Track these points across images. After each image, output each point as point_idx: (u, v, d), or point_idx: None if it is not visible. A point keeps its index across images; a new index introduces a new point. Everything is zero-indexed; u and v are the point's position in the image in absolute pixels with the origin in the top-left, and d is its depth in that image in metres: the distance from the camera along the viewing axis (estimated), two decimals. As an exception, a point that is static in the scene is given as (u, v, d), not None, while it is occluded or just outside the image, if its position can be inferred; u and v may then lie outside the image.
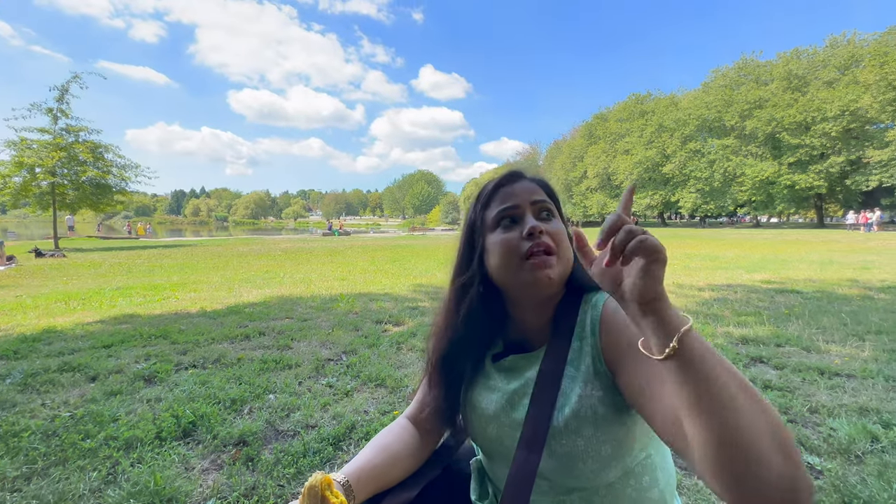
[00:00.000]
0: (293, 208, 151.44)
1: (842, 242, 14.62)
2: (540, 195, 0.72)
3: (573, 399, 0.65)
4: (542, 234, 0.67)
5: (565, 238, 0.70)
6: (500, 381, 0.75)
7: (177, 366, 2.76)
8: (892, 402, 2.12)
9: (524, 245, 0.67)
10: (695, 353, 0.45)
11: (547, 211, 0.72)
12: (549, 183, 0.77)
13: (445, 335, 0.78)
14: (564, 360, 0.67)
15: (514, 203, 0.71)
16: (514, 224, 0.70)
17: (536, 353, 0.73)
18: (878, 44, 29.63)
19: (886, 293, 5.07)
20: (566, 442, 0.64)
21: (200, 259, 10.81)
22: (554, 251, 0.67)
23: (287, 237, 26.97)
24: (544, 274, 0.65)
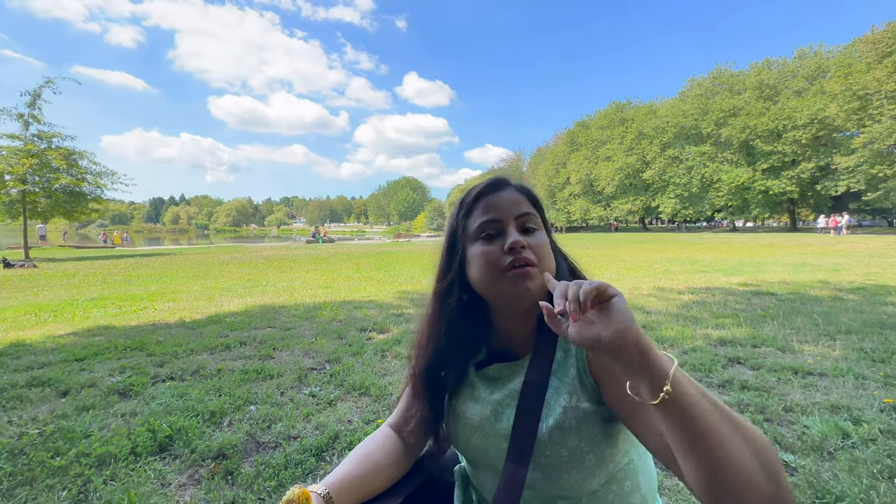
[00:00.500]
0: (276, 215, 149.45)
1: (813, 246, 15.15)
2: (524, 207, 0.71)
3: (557, 411, 0.65)
4: (524, 249, 0.66)
5: (548, 250, 0.70)
6: (484, 391, 0.75)
7: (153, 378, 2.68)
8: (861, 400, 2.20)
9: (505, 259, 0.66)
10: (684, 394, 0.46)
11: (530, 224, 0.71)
12: (533, 191, 0.76)
13: (428, 344, 0.78)
14: (549, 371, 0.67)
15: (496, 216, 0.69)
16: (496, 237, 0.69)
17: (521, 361, 0.73)
18: (842, 56, 31.10)
19: (855, 294, 5.26)
20: (550, 453, 0.65)
21: (180, 268, 10.55)
22: (535, 264, 0.66)
23: (270, 245, 26.58)
24: (524, 286, 0.65)
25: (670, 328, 3.69)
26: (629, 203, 41.80)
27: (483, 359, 0.78)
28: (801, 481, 1.53)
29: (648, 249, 14.83)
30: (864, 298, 4.95)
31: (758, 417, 2.02)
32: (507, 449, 0.67)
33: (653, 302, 5.01)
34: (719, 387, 2.45)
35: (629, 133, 41.81)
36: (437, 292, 0.76)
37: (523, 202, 0.72)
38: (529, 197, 0.74)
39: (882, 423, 1.92)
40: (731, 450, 0.44)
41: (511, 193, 0.73)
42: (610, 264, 9.85)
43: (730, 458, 0.44)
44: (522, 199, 0.73)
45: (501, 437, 0.69)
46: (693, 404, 0.45)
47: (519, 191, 0.74)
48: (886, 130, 25.42)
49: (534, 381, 0.67)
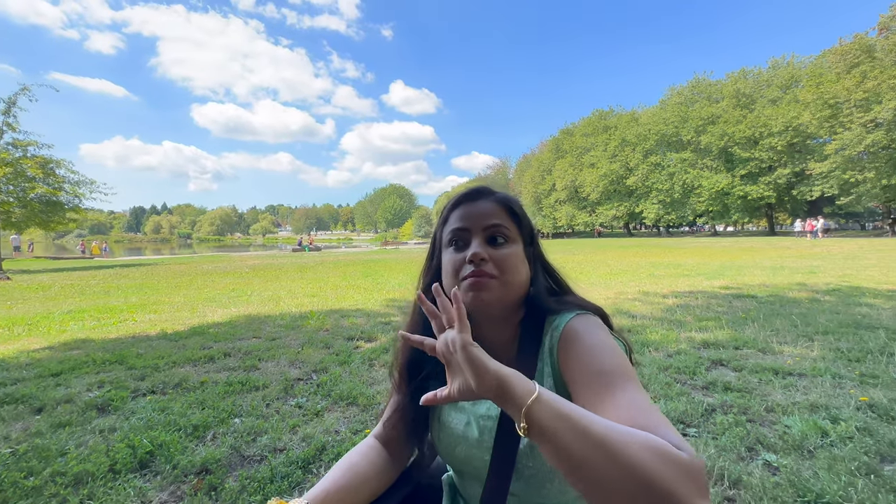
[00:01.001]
0: (261, 224, 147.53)
1: (791, 249, 15.59)
2: (495, 218, 0.72)
3: None
4: (484, 262, 0.68)
5: (514, 262, 0.70)
6: (466, 402, 0.75)
7: (133, 392, 2.60)
8: (838, 398, 2.26)
9: (466, 268, 0.68)
10: (545, 429, 0.45)
11: (499, 235, 0.71)
12: (513, 202, 0.76)
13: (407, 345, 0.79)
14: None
15: (465, 225, 0.72)
16: (463, 246, 0.71)
17: None
18: (813, 66, 32.35)
19: (831, 295, 5.42)
20: (533, 465, 0.65)
21: (161, 278, 10.32)
22: (493, 276, 0.67)
23: (255, 254, 26.20)
24: (476, 296, 0.67)
25: (655, 332, 3.74)
26: (614, 209, 42.45)
27: None
28: (783, 480, 1.56)
29: (633, 254, 15.05)
30: (839, 300, 5.11)
31: (741, 418, 2.05)
32: (490, 461, 0.68)
33: (638, 306, 5.08)
34: (703, 388, 2.49)
35: (612, 140, 42.59)
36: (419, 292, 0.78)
37: (497, 213, 0.73)
38: (508, 208, 0.74)
39: (858, 420, 1.98)
40: (602, 484, 0.42)
41: (486, 204, 0.73)
42: (595, 269, 9.96)
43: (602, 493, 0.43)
44: (498, 210, 0.73)
45: (485, 449, 0.69)
46: (554, 439, 0.45)
47: (498, 201, 0.74)
48: (856, 137, 26.42)
49: None
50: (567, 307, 0.71)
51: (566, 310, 0.70)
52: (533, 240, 0.77)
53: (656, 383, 2.53)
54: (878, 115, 25.43)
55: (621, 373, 0.58)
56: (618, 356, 0.60)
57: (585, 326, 0.65)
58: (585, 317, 0.68)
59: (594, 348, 0.62)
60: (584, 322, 0.66)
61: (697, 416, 2.10)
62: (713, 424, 2.02)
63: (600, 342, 0.62)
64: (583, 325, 0.66)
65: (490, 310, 0.70)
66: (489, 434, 0.69)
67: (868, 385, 2.44)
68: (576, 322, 0.67)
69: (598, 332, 0.64)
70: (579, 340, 0.64)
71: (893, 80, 24.86)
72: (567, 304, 0.73)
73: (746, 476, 1.59)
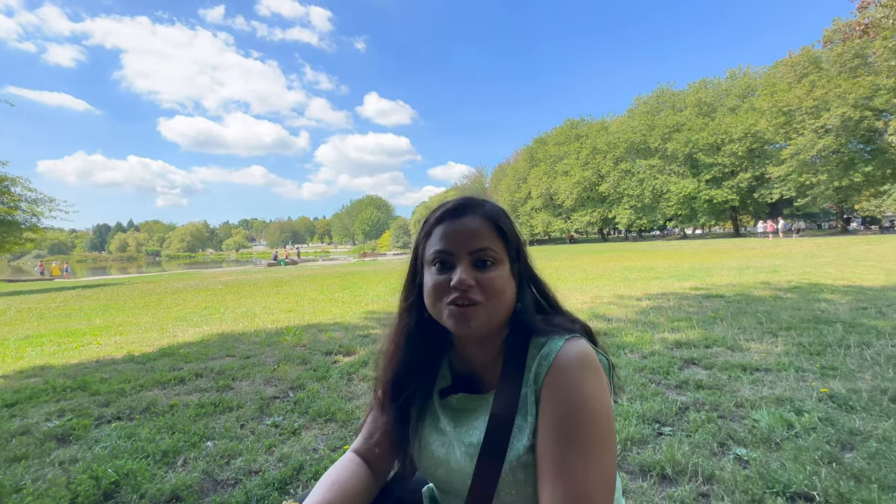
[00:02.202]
0: (235, 239, 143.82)
1: (755, 249, 16.30)
2: (482, 241, 0.68)
3: (521, 450, 0.64)
4: (470, 289, 0.65)
5: (501, 284, 0.68)
6: (448, 425, 0.74)
7: (97, 420, 2.47)
8: (801, 391, 2.36)
9: (451, 293, 0.66)
10: None
11: (487, 259, 0.68)
12: (500, 216, 0.73)
13: (391, 360, 0.78)
14: (514, 412, 0.66)
15: (450, 248, 0.68)
16: (448, 268, 0.68)
17: (485, 396, 0.72)
18: (767, 76, 34.36)
19: (793, 293, 5.69)
20: (516, 492, 0.65)
21: (128, 298, 9.89)
22: (479, 302, 0.65)
23: (228, 269, 25.46)
24: (461, 325, 0.66)
25: (630, 334, 3.83)
26: (588, 215, 43.49)
27: (447, 385, 0.78)
28: (753, 473, 1.61)
29: (608, 259, 15.42)
30: (800, 296, 5.36)
31: (713, 415, 2.12)
32: (470, 486, 0.67)
33: (613, 310, 5.20)
34: (677, 388, 2.56)
35: (584, 149, 43.78)
36: (400, 310, 0.78)
37: (483, 234, 0.69)
38: (496, 224, 0.71)
39: (820, 411, 2.08)
40: None
41: (472, 222, 0.70)
42: (572, 275, 10.14)
43: None
44: (484, 228, 0.70)
45: (466, 474, 0.68)
46: None
47: (485, 218, 0.71)
48: (809, 143, 28.06)
49: (498, 423, 0.67)
50: (555, 330, 0.69)
51: (555, 333, 0.68)
52: (520, 254, 0.74)
53: (632, 384, 2.58)
54: (827, 122, 27.13)
55: (589, 443, 0.59)
56: (595, 420, 0.60)
57: (577, 367, 0.63)
58: (575, 344, 0.65)
59: (576, 406, 0.60)
60: (575, 358, 0.63)
61: (672, 415, 2.15)
62: (686, 422, 2.08)
63: (584, 398, 0.61)
64: (575, 363, 0.63)
65: (476, 335, 0.69)
66: (471, 460, 0.68)
67: (828, 377, 2.56)
68: (567, 355, 0.64)
69: (587, 381, 0.62)
70: (566, 388, 0.62)
71: (839, 89, 26.60)
72: (555, 325, 0.71)
73: (719, 471, 1.64)
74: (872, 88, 25.61)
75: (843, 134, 27.07)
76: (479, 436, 0.68)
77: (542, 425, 0.63)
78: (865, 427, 1.91)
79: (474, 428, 0.70)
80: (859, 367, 2.69)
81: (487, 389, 0.73)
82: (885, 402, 2.14)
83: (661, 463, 1.71)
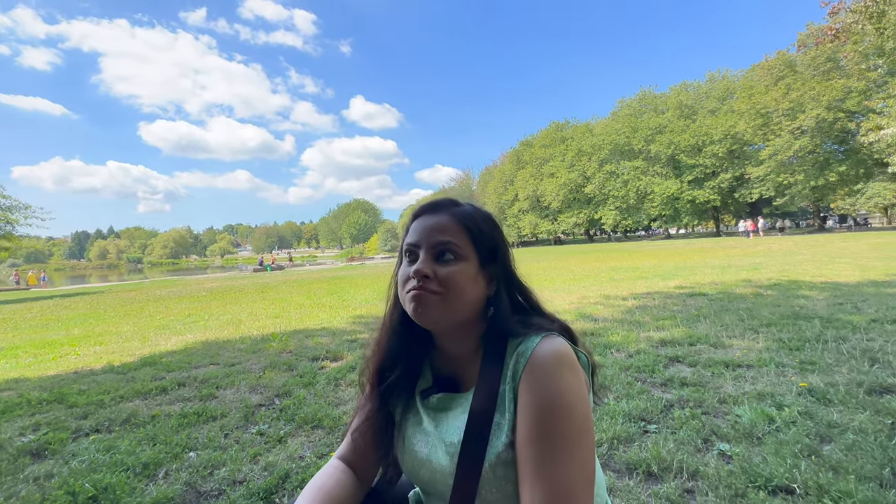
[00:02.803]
0: (220, 244, 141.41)
1: (736, 248, 16.66)
2: (446, 235, 0.70)
3: (500, 448, 0.65)
4: (426, 279, 0.68)
5: (459, 280, 0.68)
6: (430, 425, 0.75)
7: (75, 433, 2.40)
8: (782, 386, 2.42)
9: (410, 282, 0.69)
10: None
11: (448, 252, 0.70)
12: (471, 217, 0.74)
13: (381, 346, 0.81)
14: (493, 409, 0.67)
15: (416, 241, 0.72)
16: (414, 260, 0.72)
17: (465, 395, 0.73)
18: (745, 79, 35.29)
19: (773, 290, 5.83)
20: (496, 490, 0.65)
21: (108, 307, 9.64)
22: (437, 292, 0.67)
23: (213, 276, 25.02)
24: (416, 310, 0.68)
25: (616, 333, 3.88)
26: (574, 216, 43.95)
27: (428, 386, 0.79)
28: (736, 468, 1.64)
29: (594, 259, 15.59)
30: (780, 293, 5.50)
31: (697, 412, 2.15)
32: (452, 486, 0.67)
33: (600, 309, 5.25)
34: (662, 385, 2.59)
35: (570, 151, 44.28)
36: (388, 303, 0.82)
37: (449, 229, 0.71)
38: (465, 224, 0.72)
39: (800, 405, 2.12)
40: None
41: (441, 219, 0.72)
42: (559, 275, 10.23)
43: None
44: (452, 225, 0.72)
45: (448, 474, 0.69)
46: None
47: (455, 216, 0.73)
48: (786, 143, 28.87)
49: (478, 421, 0.67)
50: (532, 329, 0.70)
51: (532, 332, 0.69)
52: (495, 256, 0.74)
53: (618, 383, 2.61)
54: (803, 123, 27.96)
55: (567, 440, 0.60)
56: (572, 416, 0.60)
57: (553, 363, 0.63)
58: (552, 341, 0.66)
59: (553, 402, 0.61)
60: (551, 355, 0.64)
61: (657, 413, 2.18)
62: (671, 419, 2.11)
63: (560, 394, 0.61)
64: (551, 359, 0.63)
65: (435, 326, 0.70)
66: (451, 459, 0.68)
67: (807, 371, 2.63)
68: (543, 351, 0.64)
69: (564, 377, 0.62)
70: (543, 384, 0.62)
71: (813, 92, 27.45)
72: (532, 325, 0.71)
73: (703, 467, 1.66)
74: (844, 91, 26.50)
75: (818, 135, 27.93)
76: (459, 434, 0.69)
77: (520, 422, 0.63)
78: (843, 419, 1.96)
79: (455, 427, 0.71)
80: (836, 361, 2.76)
81: (467, 388, 0.74)
82: (860, 395, 2.20)
83: (646, 461, 1.72)
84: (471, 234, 0.72)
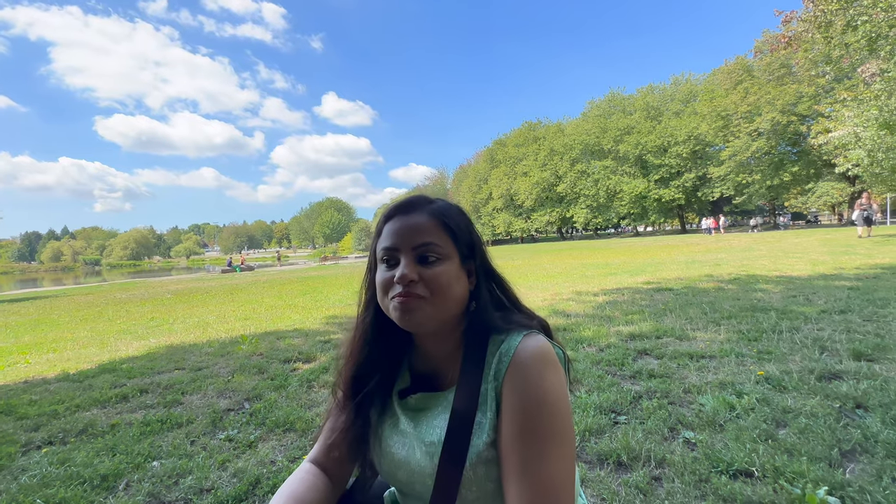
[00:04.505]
0: (185, 245, 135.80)
1: (700, 245, 17.40)
2: (427, 236, 0.69)
3: (481, 447, 0.65)
4: (412, 283, 0.66)
5: (445, 281, 0.67)
6: (407, 425, 0.73)
7: (25, 446, 2.25)
8: (741, 375, 2.54)
9: (395, 288, 0.67)
10: None
11: (430, 254, 0.68)
12: (448, 213, 0.73)
13: (354, 354, 0.78)
14: (475, 408, 0.66)
15: (394, 244, 0.69)
16: (394, 264, 0.70)
17: (444, 394, 0.72)
18: (707, 82, 36.91)
19: (733, 284, 6.12)
20: (477, 489, 0.65)
21: (63, 312, 9.09)
22: (423, 297, 0.66)
23: (178, 278, 24.02)
24: (405, 318, 0.66)
25: (588, 329, 3.97)
26: (547, 215, 44.80)
27: (406, 386, 0.78)
28: (700, 454, 1.71)
29: (567, 257, 15.92)
30: (739, 287, 5.77)
31: (663, 402, 2.23)
32: (432, 485, 0.66)
33: (572, 305, 5.37)
34: (631, 378, 2.67)
35: (542, 150, 45.08)
36: (360, 308, 0.79)
37: (428, 229, 0.69)
38: (443, 220, 0.71)
39: (758, 393, 2.24)
40: None
41: (418, 218, 0.70)
42: (532, 273, 10.39)
43: None
44: (430, 224, 0.70)
45: (427, 474, 0.68)
46: None
47: (431, 214, 0.71)
48: (744, 145, 30.36)
49: (459, 420, 0.67)
50: (514, 326, 0.70)
51: (513, 329, 0.69)
52: (473, 251, 0.74)
53: (590, 377, 2.67)
54: (760, 126, 29.48)
55: (552, 437, 0.60)
56: (556, 414, 0.61)
57: (537, 362, 0.64)
58: (534, 340, 0.66)
59: (538, 401, 0.61)
60: (535, 354, 0.64)
61: (626, 404, 2.25)
62: (640, 410, 2.18)
63: (545, 392, 0.62)
64: (534, 358, 0.64)
65: (422, 329, 0.69)
66: (432, 459, 0.67)
67: (764, 360, 2.77)
68: (526, 350, 0.65)
69: (547, 376, 0.63)
70: (527, 384, 0.63)
71: (769, 96, 28.98)
72: (513, 322, 0.71)
73: (669, 455, 1.73)
74: (797, 96, 28.11)
75: (773, 137, 29.51)
76: (439, 434, 0.68)
77: (504, 421, 0.63)
78: (796, 405, 2.08)
79: (434, 426, 0.70)
80: (790, 350, 2.93)
81: (446, 387, 0.73)
82: (812, 381, 2.34)
83: (616, 451, 1.77)
84: (450, 232, 0.71)
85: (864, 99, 12.05)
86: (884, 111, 11.18)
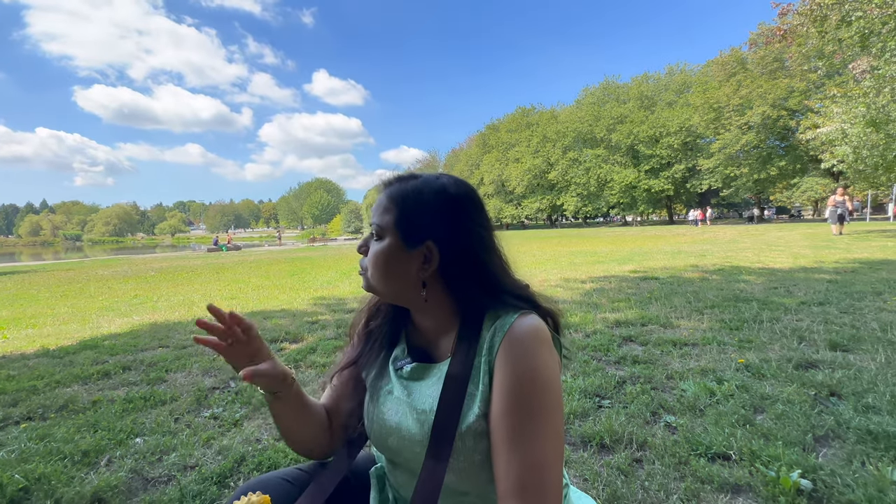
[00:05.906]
0: (170, 222, 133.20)
1: (686, 235, 17.65)
2: (376, 216, 0.73)
3: (471, 419, 0.66)
4: (364, 256, 0.75)
5: (377, 261, 0.71)
6: (401, 393, 0.75)
7: (3, 422, 2.21)
8: (722, 363, 2.60)
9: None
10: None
11: (376, 233, 0.72)
12: (407, 193, 0.71)
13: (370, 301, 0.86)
14: (467, 379, 0.68)
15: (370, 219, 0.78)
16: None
17: (439, 365, 0.73)
18: (701, 74, 36.89)
19: (717, 274, 6.23)
20: (464, 459, 0.66)
21: (42, 287, 8.88)
22: (365, 271, 0.75)
23: (163, 255, 23.60)
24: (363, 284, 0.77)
25: (575, 315, 4.02)
26: (538, 202, 44.85)
27: (402, 357, 0.80)
28: (680, 438, 1.76)
29: (556, 244, 16.02)
30: (723, 278, 5.89)
31: (647, 387, 2.28)
32: (422, 453, 0.68)
33: (560, 292, 5.42)
34: (616, 363, 2.72)
35: (535, 136, 44.84)
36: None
37: (383, 209, 0.72)
38: (396, 202, 0.71)
39: (738, 380, 2.29)
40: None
41: (380, 199, 0.75)
42: (522, 259, 10.39)
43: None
44: (384, 205, 0.72)
45: (417, 442, 0.69)
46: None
47: (389, 196, 0.72)
48: (734, 138, 30.59)
49: (451, 390, 0.68)
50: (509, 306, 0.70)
51: (510, 309, 0.69)
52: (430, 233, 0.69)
53: (576, 362, 2.71)
54: (750, 119, 29.67)
55: (542, 413, 0.61)
56: (547, 391, 0.62)
57: (531, 339, 0.64)
58: (529, 318, 0.67)
59: (531, 376, 0.62)
60: (529, 330, 0.65)
61: (611, 389, 2.29)
62: (624, 395, 2.22)
63: (538, 368, 0.62)
64: (529, 335, 0.64)
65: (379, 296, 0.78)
66: (422, 427, 0.69)
67: (745, 349, 2.84)
68: (521, 327, 0.65)
69: (541, 353, 0.63)
70: (521, 359, 0.63)
71: (760, 89, 29.10)
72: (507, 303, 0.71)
73: (651, 438, 1.77)
74: (788, 90, 28.29)
75: (762, 131, 29.77)
76: (431, 403, 0.70)
77: (496, 395, 0.64)
78: (774, 392, 2.14)
79: (427, 395, 0.71)
80: (770, 339, 3.00)
81: (440, 359, 0.75)
82: (789, 370, 2.41)
83: (600, 433, 1.81)
84: (396, 213, 0.70)
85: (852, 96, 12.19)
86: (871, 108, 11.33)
